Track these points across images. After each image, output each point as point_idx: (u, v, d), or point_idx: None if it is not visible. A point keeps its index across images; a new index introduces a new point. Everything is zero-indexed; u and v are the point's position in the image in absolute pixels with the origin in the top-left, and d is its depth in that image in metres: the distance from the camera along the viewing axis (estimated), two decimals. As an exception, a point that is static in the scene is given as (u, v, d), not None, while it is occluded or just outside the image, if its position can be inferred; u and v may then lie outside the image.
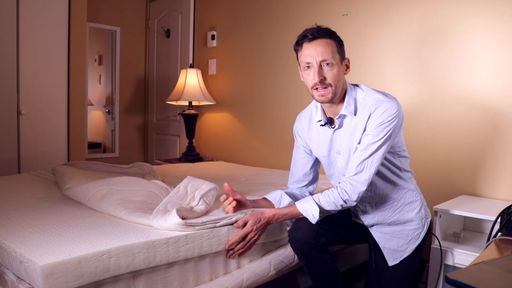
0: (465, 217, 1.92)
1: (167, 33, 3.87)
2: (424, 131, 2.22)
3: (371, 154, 1.37)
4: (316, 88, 1.38)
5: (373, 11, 2.39)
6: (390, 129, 1.36)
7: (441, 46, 2.13)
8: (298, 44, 1.41)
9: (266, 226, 1.45)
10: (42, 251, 1.10)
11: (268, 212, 1.43)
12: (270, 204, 1.59)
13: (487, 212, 1.70)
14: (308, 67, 1.39)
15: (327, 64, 1.36)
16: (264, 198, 1.61)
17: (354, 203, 1.42)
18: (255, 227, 1.41)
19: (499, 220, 1.24)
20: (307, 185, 1.67)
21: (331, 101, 1.41)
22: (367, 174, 1.38)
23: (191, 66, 3.42)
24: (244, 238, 1.42)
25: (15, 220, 1.38)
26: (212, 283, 1.40)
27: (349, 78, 2.43)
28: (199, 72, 3.35)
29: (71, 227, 1.31)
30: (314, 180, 1.68)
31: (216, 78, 3.49)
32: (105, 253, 1.13)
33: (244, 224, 1.42)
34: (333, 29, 1.43)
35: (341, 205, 1.40)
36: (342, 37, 1.45)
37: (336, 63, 1.37)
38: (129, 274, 1.21)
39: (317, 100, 1.43)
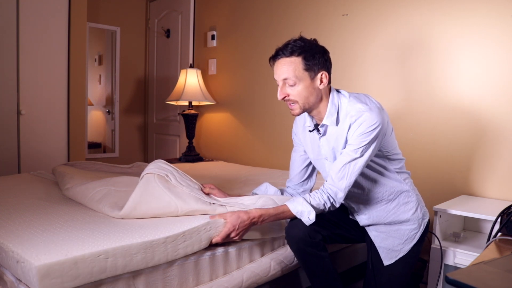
0: (465, 217, 1.92)
1: (167, 33, 3.87)
2: (424, 131, 2.22)
3: (351, 163, 1.39)
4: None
5: (373, 11, 2.39)
6: (371, 139, 1.37)
7: (443, 46, 2.13)
8: (270, 62, 1.48)
9: (250, 226, 1.39)
10: (39, 251, 1.10)
11: (254, 212, 1.38)
12: None
13: (487, 212, 1.70)
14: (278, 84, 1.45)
15: (289, 83, 1.41)
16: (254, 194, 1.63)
17: (336, 207, 1.44)
18: (237, 226, 1.36)
19: (499, 220, 1.24)
20: (303, 183, 1.68)
21: (304, 113, 1.47)
22: (347, 181, 1.40)
23: (191, 66, 3.42)
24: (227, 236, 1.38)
25: (15, 220, 1.38)
26: (212, 283, 1.40)
27: (350, 77, 2.45)
28: (199, 72, 3.35)
29: (70, 227, 1.30)
30: (310, 178, 1.69)
31: (216, 78, 3.49)
32: (101, 254, 1.13)
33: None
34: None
35: (329, 207, 1.42)
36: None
37: (300, 81, 1.39)
38: (129, 274, 1.21)
39: None
